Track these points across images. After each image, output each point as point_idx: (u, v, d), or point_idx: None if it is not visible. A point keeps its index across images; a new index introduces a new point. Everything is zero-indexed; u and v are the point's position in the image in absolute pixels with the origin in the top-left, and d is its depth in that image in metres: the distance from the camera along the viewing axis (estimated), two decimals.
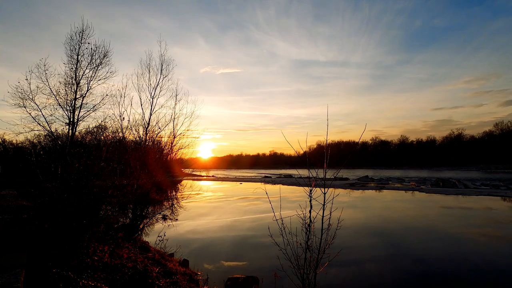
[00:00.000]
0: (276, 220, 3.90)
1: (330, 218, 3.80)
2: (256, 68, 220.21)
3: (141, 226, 8.25)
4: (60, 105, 8.68)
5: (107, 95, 8.97)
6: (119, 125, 8.67)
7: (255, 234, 9.53)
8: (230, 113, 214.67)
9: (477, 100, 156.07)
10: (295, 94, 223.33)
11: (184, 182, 12.56)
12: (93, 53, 8.95)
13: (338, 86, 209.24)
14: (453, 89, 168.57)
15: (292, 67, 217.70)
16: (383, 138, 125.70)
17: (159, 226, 9.34)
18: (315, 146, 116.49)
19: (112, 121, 8.83)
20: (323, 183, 3.77)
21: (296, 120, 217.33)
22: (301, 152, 4.44)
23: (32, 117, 8.41)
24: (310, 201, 3.73)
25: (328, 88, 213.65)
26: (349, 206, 14.81)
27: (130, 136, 9.02)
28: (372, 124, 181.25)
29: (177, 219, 11.41)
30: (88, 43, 8.90)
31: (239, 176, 58.14)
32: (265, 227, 7.88)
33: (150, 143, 9.15)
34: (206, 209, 15.50)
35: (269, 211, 4.30)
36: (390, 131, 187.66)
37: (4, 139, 30.21)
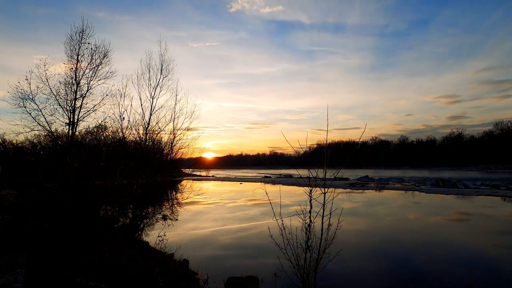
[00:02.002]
0: (276, 220, 3.90)
1: (330, 218, 3.80)
2: (217, 35, 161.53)
3: (141, 226, 8.26)
4: (60, 105, 8.65)
5: (107, 95, 8.94)
6: (119, 125, 8.66)
7: (255, 236, 9.55)
8: (214, 106, 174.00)
9: (502, 88, 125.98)
10: (282, 77, 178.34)
11: (184, 182, 12.56)
12: (93, 53, 8.93)
13: (333, 66, 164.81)
14: (476, 77, 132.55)
15: (266, 33, 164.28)
16: (383, 138, 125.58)
17: (159, 226, 9.34)
18: (315, 146, 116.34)
19: (112, 121, 8.81)
20: (323, 183, 3.77)
21: (290, 114, 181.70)
22: (301, 152, 4.44)
23: (32, 117, 8.38)
24: (310, 201, 3.73)
25: (321, 68, 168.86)
26: (350, 213, 13.09)
27: (130, 136, 9.01)
28: (378, 120, 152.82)
29: (177, 219, 11.42)
30: (88, 43, 8.87)
31: (239, 176, 58.13)
32: (265, 229, 7.87)
33: (150, 143, 9.14)
34: (206, 211, 15.50)
35: (270, 213, 4.29)
36: (398, 129, 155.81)
37: (4, 139, 30.27)
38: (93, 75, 9.01)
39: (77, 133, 9.14)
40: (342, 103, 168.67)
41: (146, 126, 8.81)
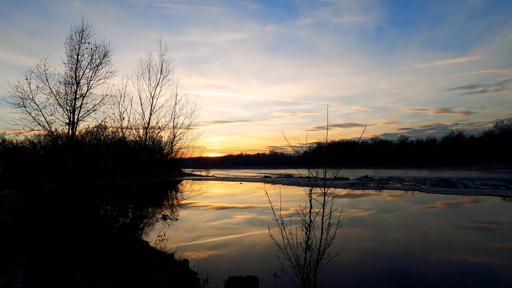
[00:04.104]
0: (276, 220, 3.90)
1: (330, 218, 3.80)
2: None
3: (141, 226, 8.25)
4: (60, 105, 8.66)
5: (107, 95, 8.95)
6: (119, 125, 8.65)
7: (255, 236, 9.56)
8: (185, 96, 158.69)
9: None
10: (257, 50, 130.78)
11: (184, 182, 12.56)
12: (93, 53, 8.94)
13: (323, 30, 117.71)
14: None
15: None
16: (383, 138, 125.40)
17: (159, 226, 9.34)
18: (315, 145, 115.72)
19: (112, 121, 8.79)
20: (323, 183, 3.77)
21: (281, 106, 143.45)
22: (301, 152, 4.44)
23: (32, 117, 8.38)
24: (310, 201, 3.73)
25: (306, 34, 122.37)
26: (351, 222, 11.20)
27: (130, 136, 9.00)
28: (387, 113, 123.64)
29: (177, 219, 11.42)
30: (88, 43, 8.88)
31: (239, 175, 58.12)
32: (265, 229, 7.85)
33: (150, 143, 9.13)
34: (206, 210, 15.50)
35: (270, 213, 4.29)
36: (408, 125, 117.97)
37: (4, 139, 30.27)
38: (93, 75, 9.02)
39: (77, 133, 9.14)
40: (342, 91, 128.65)
41: (146, 126, 8.80)
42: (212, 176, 57.25)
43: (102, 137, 10.05)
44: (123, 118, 8.51)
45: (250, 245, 8.38)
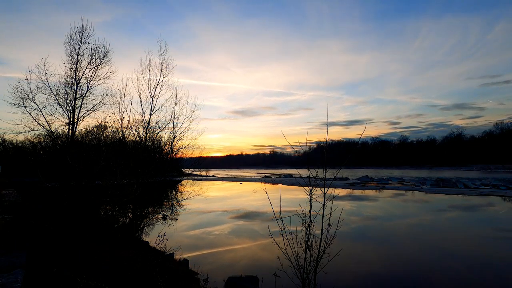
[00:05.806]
0: (276, 220, 3.90)
1: (330, 218, 3.79)
2: None
3: (141, 226, 8.25)
4: (60, 105, 8.66)
5: (107, 95, 8.95)
6: (119, 125, 8.65)
7: (254, 236, 9.56)
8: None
9: None
10: (226, 11, 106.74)
11: (184, 182, 12.56)
12: (93, 53, 8.93)
13: None
14: None
15: None
16: (383, 138, 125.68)
17: (159, 226, 9.34)
18: (315, 146, 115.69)
19: (112, 121, 8.79)
20: (323, 183, 3.77)
21: (268, 96, 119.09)
22: (301, 152, 4.44)
23: (32, 117, 8.38)
24: (310, 201, 3.73)
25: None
26: (351, 221, 10.57)
27: (130, 136, 8.99)
28: (395, 106, 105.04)
29: (177, 219, 11.42)
30: (88, 43, 8.88)
31: (239, 175, 58.12)
32: (265, 230, 7.83)
33: (150, 143, 9.12)
34: (206, 211, 15.49)
35: (270, 214, 4.29)
36: (414, 124, 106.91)
37: (4, 139, 30.25)
38: (93, 75, 9.02)
39: (77, 133, 9.14)
40: (342, 77, 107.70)
41: (146, 126, 8.80)
42: (212, 176, 57.23)
43: (102, 137, 10.05)
44: (123, 118, 8.52)
45: (249, 246, 8.38)
